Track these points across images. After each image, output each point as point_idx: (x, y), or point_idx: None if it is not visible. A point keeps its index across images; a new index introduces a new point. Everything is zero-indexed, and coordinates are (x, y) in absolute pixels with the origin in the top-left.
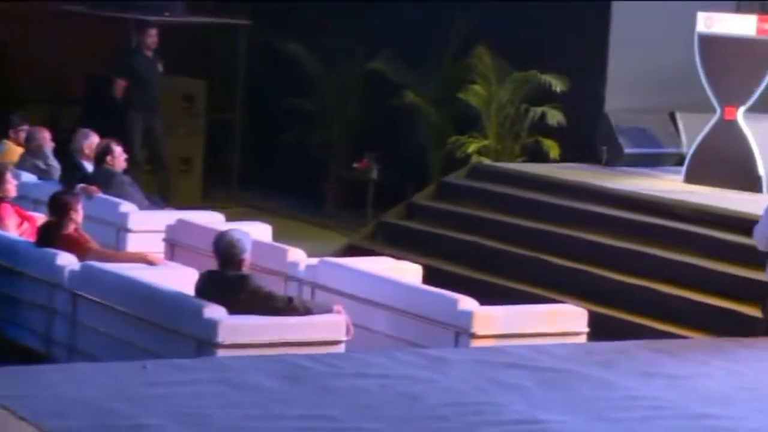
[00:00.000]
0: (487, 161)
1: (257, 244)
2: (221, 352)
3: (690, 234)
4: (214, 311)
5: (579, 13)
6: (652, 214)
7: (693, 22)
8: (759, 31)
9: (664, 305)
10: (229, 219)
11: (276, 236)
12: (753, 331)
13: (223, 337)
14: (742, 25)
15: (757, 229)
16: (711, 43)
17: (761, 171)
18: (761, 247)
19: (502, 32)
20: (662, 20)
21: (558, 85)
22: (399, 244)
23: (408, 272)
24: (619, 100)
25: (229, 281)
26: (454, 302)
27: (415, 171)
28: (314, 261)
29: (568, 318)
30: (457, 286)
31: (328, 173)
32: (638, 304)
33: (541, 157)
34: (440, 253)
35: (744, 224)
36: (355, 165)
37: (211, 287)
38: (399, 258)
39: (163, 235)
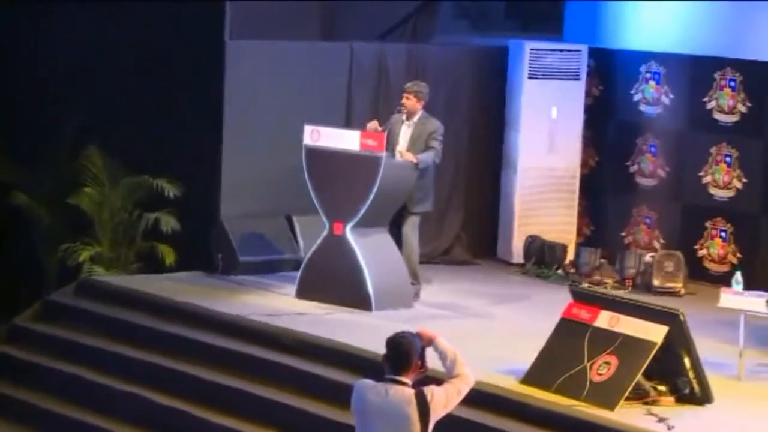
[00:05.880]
0: (100, 270)
1: None
2: None
3: (294, 369)
4: None
5: (191, 119)
6: (257, 343)
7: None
8: (363, 146)
9: None
10: None
11: None
12: None
13: None
14: (346, 139)
15: None
16: (317, 157)
17: (370, 289)
18: None
19: (116, 134)
20: (275, 126)
21: (171, 191)
22: None
23: None
24: (235, 206)
25: None
26: None
27: (32, 277)
28: None
29: None
30: (53, 427)
31: None
32: None
33: (157, 264)
34: (41, 386)
35: (348, 359)
36: None
37: None
38: None
39: None
